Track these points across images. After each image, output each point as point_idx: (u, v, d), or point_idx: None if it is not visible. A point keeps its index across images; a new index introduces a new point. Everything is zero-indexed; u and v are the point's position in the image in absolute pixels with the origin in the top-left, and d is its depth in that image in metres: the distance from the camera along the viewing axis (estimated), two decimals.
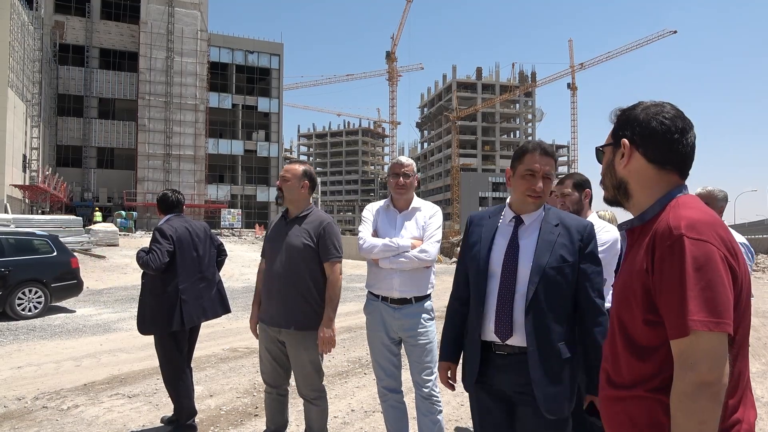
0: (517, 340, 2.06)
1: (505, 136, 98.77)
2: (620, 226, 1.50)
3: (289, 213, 3.35)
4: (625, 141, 1.41)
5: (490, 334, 2.10)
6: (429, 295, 3.31)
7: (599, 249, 3.04)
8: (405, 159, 3.36)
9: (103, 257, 18.88)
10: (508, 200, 2.28)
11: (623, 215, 1.55)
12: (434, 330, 3.28)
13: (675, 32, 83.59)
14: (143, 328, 3.99)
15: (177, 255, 3.94)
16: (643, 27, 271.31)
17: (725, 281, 1.19)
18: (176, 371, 3.96)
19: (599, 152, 1.53)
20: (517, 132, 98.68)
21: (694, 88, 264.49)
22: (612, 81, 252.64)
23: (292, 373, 3.38)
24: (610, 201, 1.52)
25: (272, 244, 3.32)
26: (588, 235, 2.15)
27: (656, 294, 1.26)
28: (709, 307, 1.18)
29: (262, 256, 3.49)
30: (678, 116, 1.39)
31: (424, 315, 3.24)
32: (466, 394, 2.32)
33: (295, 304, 3.20)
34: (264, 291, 3.36)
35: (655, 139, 1.37)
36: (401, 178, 3.26)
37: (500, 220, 2.22)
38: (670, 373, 1.24)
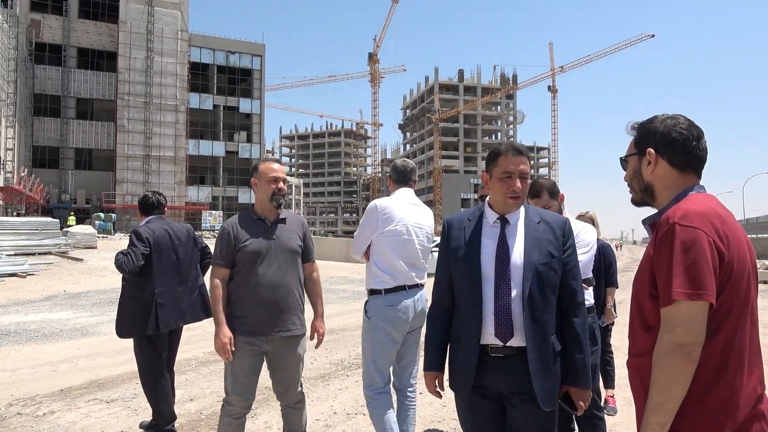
0: (517, 340, 2.07)
1: (487, 138, 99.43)
2: (644, 221, 1.69)
3: (268, 215, 3.15)
4: (651, 150, 1.64)
5: (489, 337, 2.09)
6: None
7: (584, 249, 3.16)
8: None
9: (81, 260, 18.57)
10: (487, 201, 2.28)
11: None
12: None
13: (653, 36, 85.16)
14: (120, 331, 3.94)
15: (154, 258, 3.89)
16: (621, 31, 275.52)
17: (708, 261, 1.42)
18: (154, 375, 3.90)
19: (623, 162, 1.77)
20: (499, 134, 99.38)
21: (670, 90, 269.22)
22: (591, 84, 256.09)
23: (274, 382, 3.18)
24: (638, 202, 1.75)
25: (258, 249, 3.03)
26: (568, 230, 2.23)
27: (656, 271, 1.51)
28: (691, 281, 1.41)
29: (221, 265, 3.04)
30: (692, 126, 1.63)
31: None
32: (449, 394, 2.31)
33: (294, 307, 3.12)
34: (244, 301, 3.02)
35: (677, 147, 1.61)
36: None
37: (484, 222, 2.21)
38: None
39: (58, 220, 22.26)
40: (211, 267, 3.10)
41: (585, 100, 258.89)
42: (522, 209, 2.24)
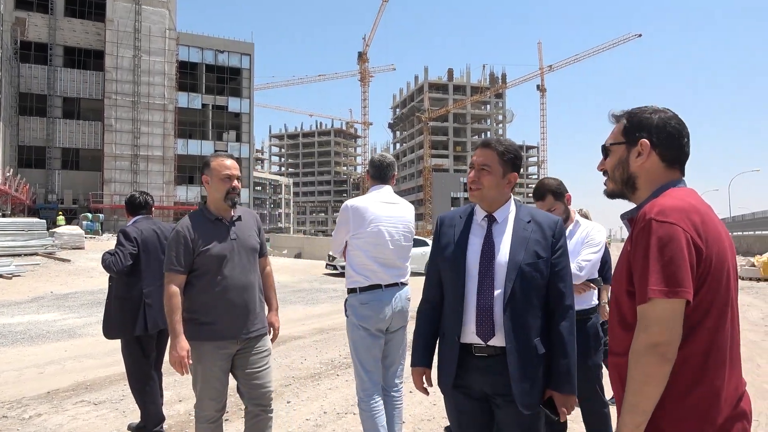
0: (498, 340, 2.05)
1: (477, 137, 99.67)
2: (622, 216, 1.65)
3: (224, 215, 2.98)
4: (646, 141, 1.59)
5: (471, 336, 2.08)
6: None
7: (594, 249, 3.19)
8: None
9: (68, 261, 18.38)
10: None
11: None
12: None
13: (640, 35, 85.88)
14: (108, 332, 3.92)
15: (142, 258, 3.87)
16: (609, 30, 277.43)
17: (685, 257, 1.38)
18: (142, 376, 3.88)
19: (606, 150, 1.70)
20: (488, 133, 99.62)
21: (657, 89, 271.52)
22: (580, 83, 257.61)
23: (248, 385, 3.00)
24: (614, 194, 1.69)
25: (221, 252, 2.88)
26: (559, 230, 2.18)
27: (632, 268, 1.48)
28: (667, 279, 1.37)
29: (179, 272, 2.83)
30: (681, 122, 1.61)
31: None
32: (438, 393, 2.32)
33: (259, 307, 3.05)
34: (210, 306, 2.86)
35: (671, 141, 1.58)
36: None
37: (473, 219, 2.21)
38: None
39: (44, 221, 22.00)
40: (165, 272, 2.85)
41: (573, 98, 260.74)
42: (513, 207, 2.21)
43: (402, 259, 3.30)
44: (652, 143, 1.59)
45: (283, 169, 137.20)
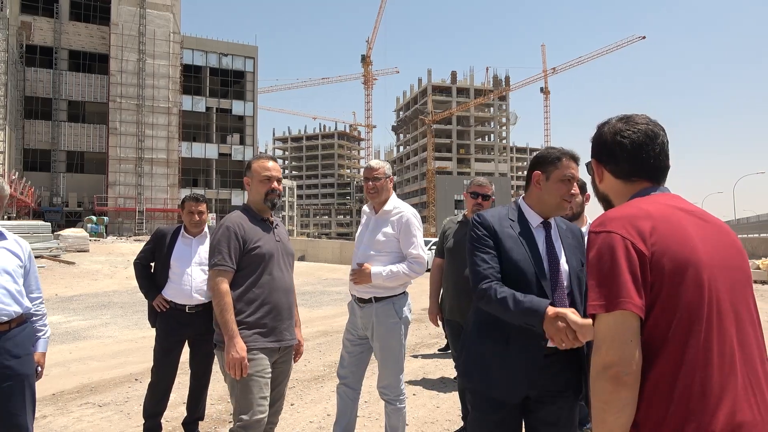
0: None
1: (480, 139, 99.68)
2: None
3: (269, 216, 2.96)
4: (594, 161, 1.53)
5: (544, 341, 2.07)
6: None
7: None
8: (375, 163, 3.43)
9: (73, 263, 18.46)
10: (521, 203, 2.29)
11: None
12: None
13: (644, 38, 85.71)
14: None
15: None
16: (613, 33, 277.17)
17: (622, 266, 1.24)
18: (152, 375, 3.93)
19: (588, 167, 1.64)
20: (492, 135, 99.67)
21: (661, 91, 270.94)
22: (583, 85, 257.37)
23: (274, 393, 2.87)
24: (605, 210, 1.59)
25: (271, 251, 2.81)
26: (584, 238, 2.21)
27: None
28: (604, 292, 1.25)
29: (230, 269, 2.70)
30: (640, 131, 1.45)
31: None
32: (441, 396, 2.33)
33: (293, 314, 3.01)
34: (257, 306, 2.73)
35: (617, 157, 1.47)
36: (371, 182, 3.36)
37: (528, 225, 2.21)
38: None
39: (49, 224, 22.12)
40: (212, 269, 2.70)
41: (577, 101, 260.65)
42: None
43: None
44: (600, 161, 1.51)
45: (286, 171, 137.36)
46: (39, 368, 2.79)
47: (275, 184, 2.87)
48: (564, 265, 2.16)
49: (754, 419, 1.21)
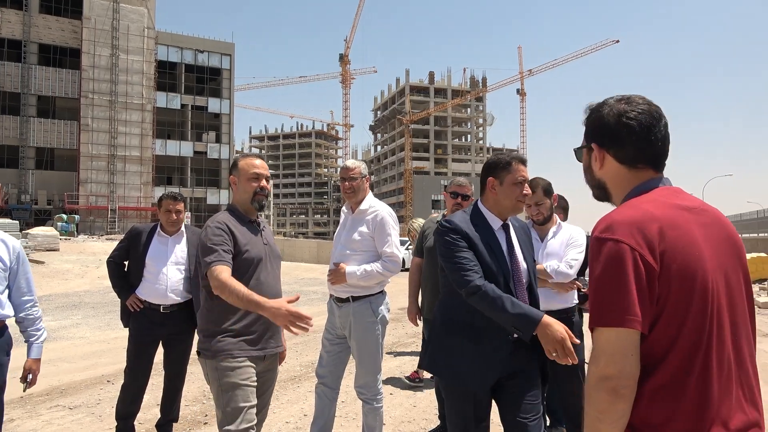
0: None
1: (457, 140, 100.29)
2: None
3: (252, 217, 2.80)
4: (595, 145, 1.43)
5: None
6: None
7: (580, 249, 3.39)
8: (351, 163, 3.45)
9: (42, 263, 18.00)
10: (481, 207, 2.44)
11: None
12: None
13: (617, 41, 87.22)
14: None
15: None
16: (588, 36, 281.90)
17: (630, 280, 1.20)
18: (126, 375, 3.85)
19: (578, 153, 1.53)
20: (469, 136, 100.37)
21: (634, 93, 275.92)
22: (559, 87, 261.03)
23: (259, 401, 2.73)
24: (599, 199, 1.54)
25: (259, 255, 2.68)
26: (531, 232, 2.64)
27: None
28: (607, 306, 1.22)
29: (228, 265, 2.52)
30: (645, 111, 1.38)
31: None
32: (418, 395, 2.37)
33: None
34: (243, 314, 2.59)
35: (622, 141, 1.38)
36: (347, 182, 3.38)
37: (492, 228, 2.40)
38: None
39: (17, 222, 21.54)
40: (210, 268, 2.48)
41: (553, 103, 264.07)
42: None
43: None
44: (602, 145, 1.41)
45: None
46: (30, 376, 2.79)
47: (264, 182, 2.76)
48: (522, 263, 2.39)
49: (748, 425, 1.25)
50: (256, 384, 2.61)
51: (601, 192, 1.49)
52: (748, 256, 18.18)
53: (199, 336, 2.66)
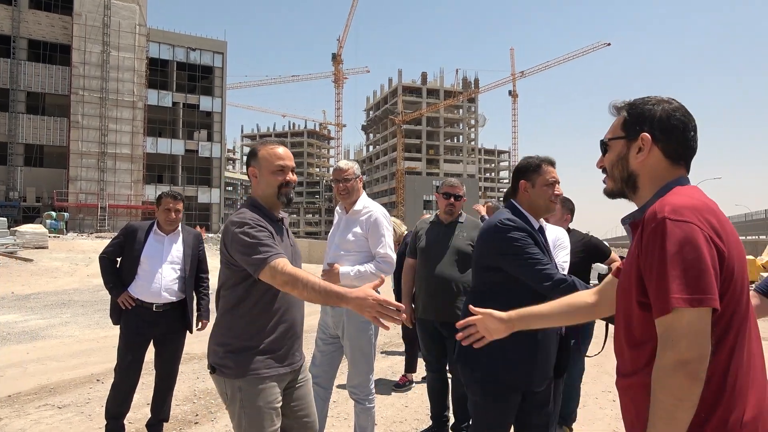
0: None
1: (449, 140, 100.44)
2: (623, 220, 1.52)
3: (276, 214, 2.44)
4: (647, 136, 1.44)
5: None
6: None
7: (568, 251, 3.51)
8: (344, 163, 3.45)
9: (31, 260, 17.82)
10: (521, 208, 2.51)
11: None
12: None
13: (609, 45, 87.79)
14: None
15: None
16: (580, 39, 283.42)
17: (707, 260, 1.22)
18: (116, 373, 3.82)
19: (604, 145, 1.55)
20: (461, 137, 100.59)
21: (624, 98, 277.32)
22: (550, 89, 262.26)
23: (298, 423, 2.47)
24: (614, 193, 1.55)
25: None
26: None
27: (644, 275, 1.31)
28: (691, 285, 1.20)
29: (281, 255, 2.18)
30: (689, 113, 1.47)
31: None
32: (410, 395, 2.38)
33: None
34: (270, 328, 2.28)
35: (675, 135, 1.44)
36: (341, 183, 3.38)
37: (534, 227, 2.48)
38: None
39: (5, 219, 21.31)
40: (268, 264, 2.11)
41: (544, 104, 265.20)
42: None
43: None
44: (654, 137, 1.44)
45: None
46: None
47: (290, 175, 2.37)
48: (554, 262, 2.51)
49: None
50: (280, 404, 2.31)
51: (627, 185, 1.50)
52: None
53: (217, 350, 2.28)
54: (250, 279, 2.21)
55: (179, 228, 3.96)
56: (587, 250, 3.89)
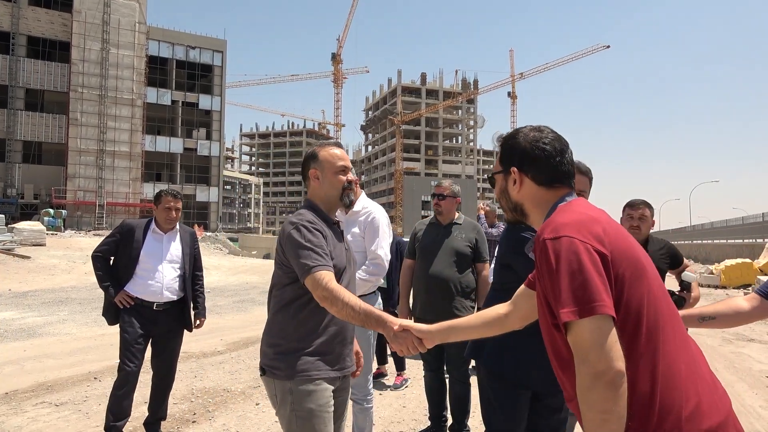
0: None
1: (448, 141, 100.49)
2: (526, 249, 1.65)
3: (334, 217, 2.42)
4: (515, 169, 1.55)
5: None
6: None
7: None
8: None
9: (28, 258, 17.80)
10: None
11: None
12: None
13: (608, 47, 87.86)
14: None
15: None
16: (579, 41, 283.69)
17: (590, 269, 1.23)
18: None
19: (491, 179, 1.66)
20: (459, 138, 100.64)
21: (622, 100, 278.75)
22: (549, 91, 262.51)
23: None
24: (512, 220, 1.66)
25: (342, 264, 2.30)
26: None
27: (548, 298, 1.34)
28: (577, 297, 1.21)
29: (329, 268, 2.13)
30: (556, 138, 1.55)
31: None
32: (407, 395, 2.38)
33: None
34: (324, 331, 2.22)
35: (540, 164, 1.52)
36: None
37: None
38: None
39: (2, 216, 21.28)
40: (311, 273, 2.07)
41: (543, 106, 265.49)
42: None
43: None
44: (521, 169, 1.54)
45: (253, 168, 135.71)
46: None
47: (351, 175, 2.38)
48: None
49: (712, 400, 1.28)
50: (333, 409, 2.25)
51: (517, 213, 1.60)
52: (733, 261, 18.41)
53: (267, 352, 2.23)
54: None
55: (177, 227, 3.95)
56: (670, 257, 3.64)
